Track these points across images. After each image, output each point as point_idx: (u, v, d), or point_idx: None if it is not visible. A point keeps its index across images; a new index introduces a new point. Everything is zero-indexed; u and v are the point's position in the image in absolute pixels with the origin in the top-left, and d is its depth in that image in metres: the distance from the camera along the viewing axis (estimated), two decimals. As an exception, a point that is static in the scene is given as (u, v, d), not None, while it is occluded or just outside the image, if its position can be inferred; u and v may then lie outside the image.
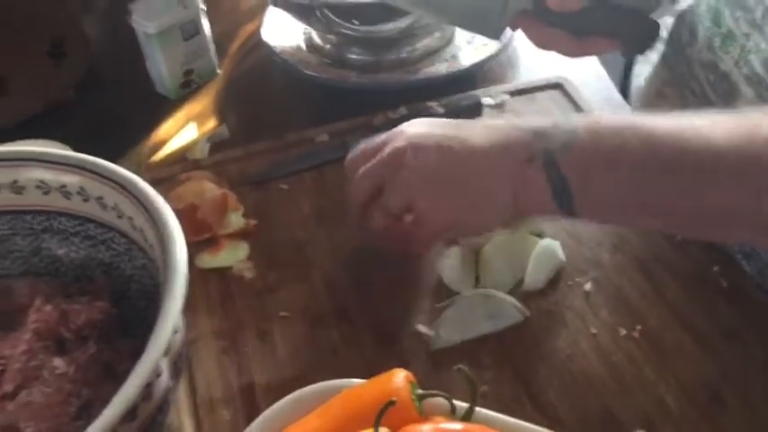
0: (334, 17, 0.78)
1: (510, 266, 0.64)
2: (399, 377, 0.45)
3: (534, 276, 0.63)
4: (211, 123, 0.86)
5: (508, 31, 0.75)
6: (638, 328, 0.60)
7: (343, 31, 0.81)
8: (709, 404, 0.55)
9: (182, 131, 0.85)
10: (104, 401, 0.42)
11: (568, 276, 0.64)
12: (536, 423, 0.53)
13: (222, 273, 0.66)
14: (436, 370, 0.58)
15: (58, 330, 0.56)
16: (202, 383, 0.59)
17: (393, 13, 0.82)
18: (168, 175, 0.75)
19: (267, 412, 0.47)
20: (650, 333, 0.59)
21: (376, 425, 0.40)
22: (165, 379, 0.49)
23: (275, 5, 0.85)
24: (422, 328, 0.61)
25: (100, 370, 0.56)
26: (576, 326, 0.61)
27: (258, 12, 1.02)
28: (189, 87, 0.91)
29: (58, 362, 0.53)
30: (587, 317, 0.61)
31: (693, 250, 0.65)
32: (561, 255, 0.64)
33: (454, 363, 0.52)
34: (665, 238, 0.66)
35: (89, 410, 0.51)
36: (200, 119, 0.87)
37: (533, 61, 0.90)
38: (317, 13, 0.77)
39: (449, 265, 0.65)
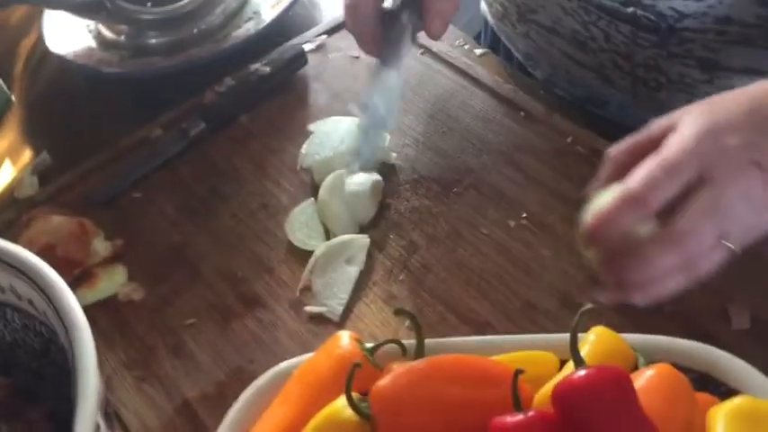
0: (127, 5, 0.72)
1: (349, 207, 0.64)
2: (345, 339, 0.45)
3: (365, 213, 0.65)
4: (26, 155, 0.79)
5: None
6: (524, 215, 0.63)
7: (139, 17, 0.76)
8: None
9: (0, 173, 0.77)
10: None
11: (447, 188, 0.66)
12: (467, 334, 0.56)
13: (108, 303, 0.62)
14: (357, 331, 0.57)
15: (-41, 424, 0.51)
16: (134, 421, 0.56)
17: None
18: (5, 221, 0.69)
19: (226, 420, 0.46)
20: (535, 216, 0.63)
21: (348, 391, 0.40)
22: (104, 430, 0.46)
23: (54, 8, 0.77)
24: (314, 309, 0.60)
25: (24, 447, 0.51)
26: (470, 232, 0.63)
27: (30, 24, 0.93)
28: (-14, 125, 0.82)
29: (-23, 459, 0.49)
30: (476, 220, 0.64)
31: (544, 130, 0.69)
32: (377, 179, 0.66)
33: (374, 315, 0.54)
34: (520, 125, 0.70)
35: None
36: (11, 154, 0.79)
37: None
38: (108, 5, 0.71)
39: (296, 227, 0.64)
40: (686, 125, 0.47)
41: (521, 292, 0.59)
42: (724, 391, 0.43)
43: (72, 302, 0.47)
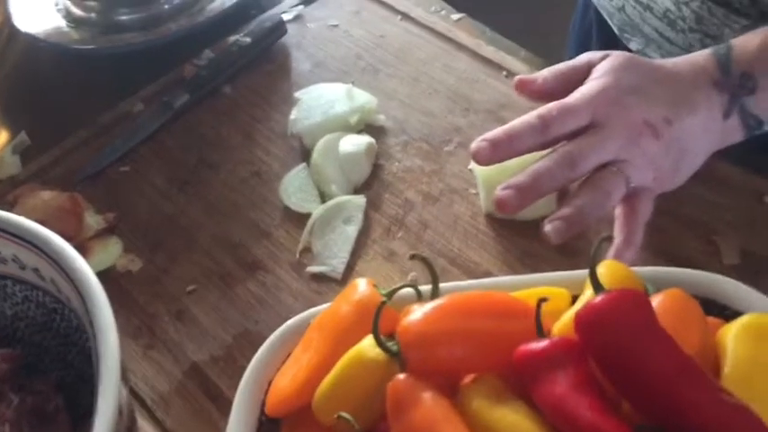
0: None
1: (343, 169, 0.65)
2: (363, 285, 0.46)
3: (359, 174, 0.65)
4: (3, 136, 0.77)
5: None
6: (514, 169, 0.64)
7: (116, -10, 0.74)
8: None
9: (-26, 155, 0.75)
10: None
11: (438, 148, 0.67)
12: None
13: (106, 275, 0.62)
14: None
15: (-33, 398, 0.50)
16: (144, 387, 0.55)
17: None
18: (-10, 202, 0.67)
19: (247, 373, 0.46)
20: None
21: (375, 329, 0.41)
22: (125, 394, 0.46)
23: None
24: (315, 269, 0.61)
25: (33, 418, 0.51)
26: (464, 189, 0.64)
27: (-7, 4, 0.91)
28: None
29: (-11, 427, 0.48)
30: (469, 176, 0.65)
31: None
32: (371, 141, 0.67)
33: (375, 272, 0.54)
34: (503, 83, 0.71)
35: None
36: (-13, 136, 0.77)
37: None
38: (82, -21, 0.70)
39: (291, 191, 0.65)
40: (600, 70, 0.55)
41: (519, 242, 0.60)
42: (729, 314, 0.45)
43: (83, 265, 0.46)
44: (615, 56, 0.56)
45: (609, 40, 0.81)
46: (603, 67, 0.55)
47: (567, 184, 0.53)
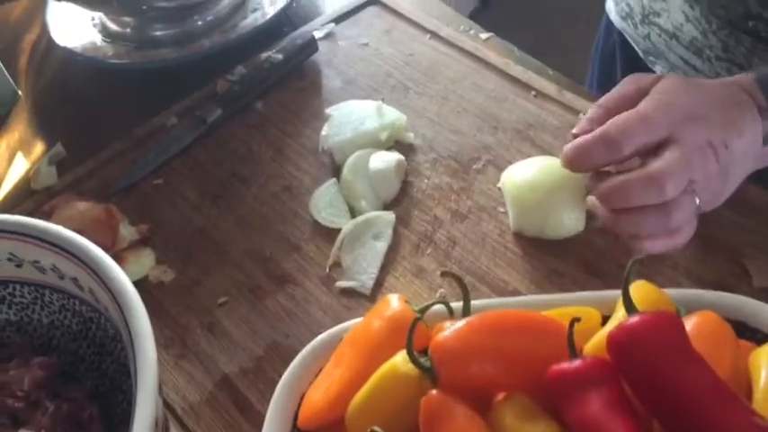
0: (141, -6, 0.73)
1: (373, 185, 0.66)
2: (395, 301, 0.47)
3: (388, 191, 0.66)
4: (39, 147, 0.79)
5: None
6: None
7: (152, 5, 0.76)
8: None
9: (12, 166, 0.77)
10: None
11: (466, 166, 0.68)
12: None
13: (139, 286, 0.61)
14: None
15: (5, 404, 0.51)
16: (175, 396, 0.56)
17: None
18: (24, 212, 0.68)
19: (280, 385, 0.47)
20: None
21: (409, 345, 0.41)
22: (160, 404, 0.46)
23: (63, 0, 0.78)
24: (345, 284, 0.61)
25: (67, 425, 0.52)
26: (492, 207, 0.65)
27: (32, 18, 0.93)
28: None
29: (26, 434, 0.49)
30: (497, 194, 0.65)
31: (556, 108, 0.71)
32: (400, 158, 0.67)
33: (404, 288, 0.55)
34: (532, 103, 0.72)
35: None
36: (23, 147, 0.79)
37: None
38: (122, -6, 0.72)
39: (321, 206, 0.66)
40: (659, 89, 0.54)
41: (546, 260, 0.61)
42: (760, 337, 0.45)
43: (121, 275, 0.47)
44: (669, 77, 0.55)
45: (633, 63, 0.81)
46: (661, 87, 0.54)
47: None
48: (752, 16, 0.65)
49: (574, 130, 0.56)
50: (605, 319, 0.47)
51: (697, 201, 0.52)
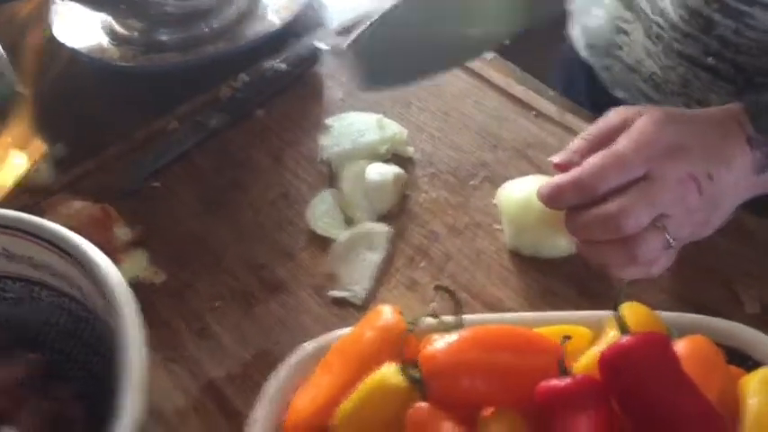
0: (150, -2, 0.73)
1: (370, 196, 0.66)
2: (387, 311, 0.46)
3: (385, 203, 0.66)
4: (39, 146, 0.79)
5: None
6: (540, 208, 0.65)
7: (161, 10, 0.76)
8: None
9: (9, 163, 0.77)
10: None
11: (464, 181, 0.68)
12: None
13: (131, 286, 0.62)
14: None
15: (-11, 401, 0.50)
16: (160, 399, 0.56)
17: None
18: (20, 208, 0.68)
19: (263, 393, 0.46)
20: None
21: (400, 356, 0.41)
22: (145, 408, 0.46)
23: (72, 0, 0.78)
24: (337, 293, 0.61)
25: (50, 425, 0.51)
26: (488, 223, 0.65)
27: (38, 18, 0.93)
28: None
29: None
30: (494, 210, 0.65)
31: (556, 129, 0.71)
32: (399, 170, 0.67)
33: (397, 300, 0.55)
34: (532, 123, 0.72)
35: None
36: (23, 144, 0.79)
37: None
38: (131, -3, 0.72)
39: (318, 215, 0.66)
40: (644, 125, 0.54)
41: (541, 279, 0.60)
42: (751, 364, 0.45)
43: (115, 275, 0.47)
44: (653, 111, 0.55)
45: (596, 88, 0.82)
46: (642, 124, 0.54)
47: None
48: (711, 53, 0.66)
49: (556, 159, 0.56)
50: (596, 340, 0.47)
51: (667, 236, 0.52)
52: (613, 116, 0.57)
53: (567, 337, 0.41)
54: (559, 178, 0.54)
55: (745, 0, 0.62)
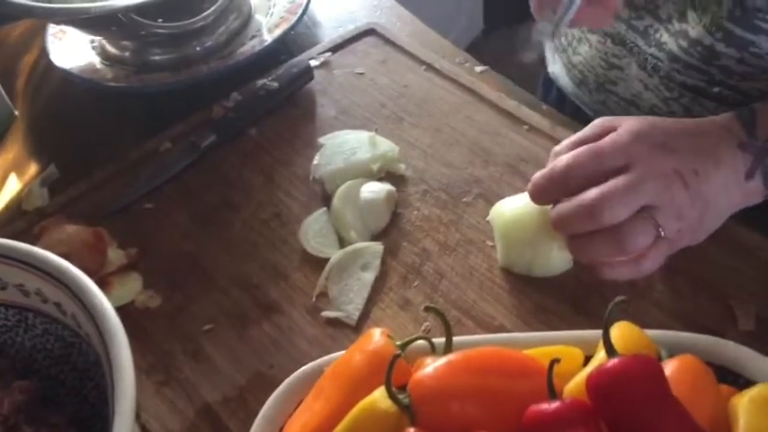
0: (141, 19, 0.74)
1: (363, 215, 0.66)
2: (377, 335, 0.47)
3: (378, 221, 0.66)
4: (32, 168, 0.79)
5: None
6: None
7: (154, 31, 0.77)
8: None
9: (5, 186, 0.77)
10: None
11: (456, 198, 0.68)
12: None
13: (125, 310, 0.62)
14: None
15: (-19, 428, 0.50)
16: (156, 424, 0.56)
17: (188, 6, 0.80)
18: (15, 232, 0.69)
19: (258, 419, 0.46)
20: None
21: (388, 381, 0.41)
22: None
23: (63, 23, 0.78)
24: (331, 314, 0.61)
25: (45, 451, 0.51)
26: (481, 240, 0.65)
27: (32, 40, 0.94)
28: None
29: (4, 460, 0.49)
30: (486, 227, 0.65)
31: (548, 143, 0.71)
32: (391, 188, 0.67)
33: (390, 320, 0.55)
34: (524, 137, 0.72)
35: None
36: (17, 167, 0.79)
37: (333, 17, 0.92)
38: (122, 18, 0.72)
39: (310, 235, 0.66)
40: (626, 126, 0.55)
41: (533, 296, 0.60)
42: (742, 383, 0.45)
43: (105, 303, 0.47)
44: (637, 118, 0.56)
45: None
46: (629, 124, 0.55)
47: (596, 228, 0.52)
48: (715, 82, 0.66)
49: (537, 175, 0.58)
50: (588, 359, 0.47)
51: (661, 230, 0.52)
52: (600, 123, 0.58)
53: (556, 360, 0.41)
54: (538, 173, 0.56)
55: (751, 28, 0.61)
